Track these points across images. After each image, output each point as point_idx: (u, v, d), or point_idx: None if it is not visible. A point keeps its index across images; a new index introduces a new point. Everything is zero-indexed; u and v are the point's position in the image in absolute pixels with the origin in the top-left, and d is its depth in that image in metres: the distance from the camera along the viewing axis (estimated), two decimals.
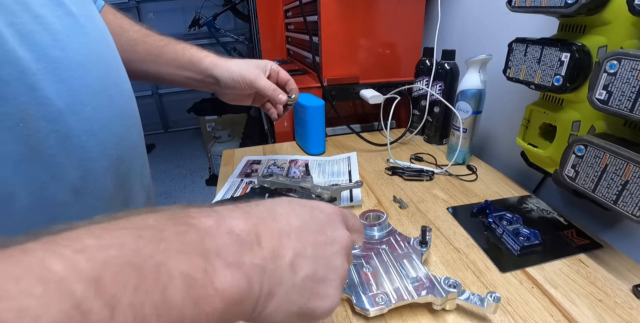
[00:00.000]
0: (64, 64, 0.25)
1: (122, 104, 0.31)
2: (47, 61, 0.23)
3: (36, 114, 0.23)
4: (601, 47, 0.43)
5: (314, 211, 0.24)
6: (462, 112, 0.66)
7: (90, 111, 0.26)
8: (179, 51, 0.49)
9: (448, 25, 0.85)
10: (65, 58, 0.25)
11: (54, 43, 0.24)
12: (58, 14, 0.25)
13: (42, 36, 0.23)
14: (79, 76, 0.26)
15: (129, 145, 0.32)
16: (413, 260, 0.41)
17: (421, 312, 0.37)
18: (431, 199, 0.58)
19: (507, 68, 0.53)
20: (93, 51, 0.28)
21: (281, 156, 0.76)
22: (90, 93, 0.26)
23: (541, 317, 0.37)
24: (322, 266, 0.22)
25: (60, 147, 0.24)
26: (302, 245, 0.21)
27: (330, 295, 0.23)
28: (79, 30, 0.27)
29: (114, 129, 0.29)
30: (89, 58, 0.27)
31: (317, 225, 0.23)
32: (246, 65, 0.50)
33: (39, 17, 0.23)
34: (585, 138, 0.41)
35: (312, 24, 0.84)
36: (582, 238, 0.48)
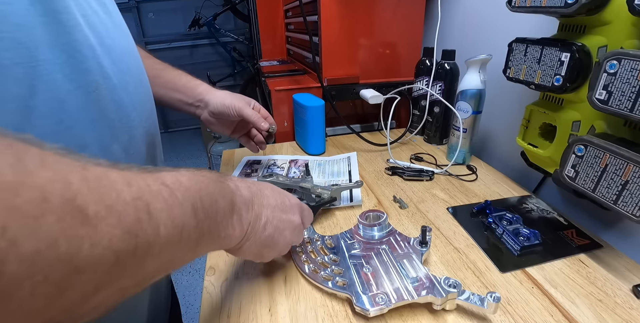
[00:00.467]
0: (114, 50, 0.30)
1: (148, 89, 0.38)
2: (105, 46, 0.29)
3: (103, 85, 0.28)
4: (601, 47, 0.43)
5: (285, 199, 0.38)
6: (462, 112, 0.66)
7: (132, 89, 0.33)
8: (175, 76, 0.56)
9: (448, 25, 0.85)
10: (114, 45, 0.31)
11: (107, 33, 0.30)
12: (104, 10, 0.31)
13: (100, 26, 0.29)
14: (124, 60, 0.32)
15: (154, 122, 0.38)
16: (413, 260, 0.41)
17: (421, 312, 0.37)
18: (431, 199, 0.58)
19: (507, 68, 0.53)
20: (127, 42, 0.34)
21: (281, 156, 0.76)
22: (130, 75, 0.33)
23: (541, 317, 0.37)
24: (278, 233, 0.35)
25: (117, 114, 0.30)
26: (273, 217, 0.35)
27: (274, 251, 0.37)
28: (117, 26, 0.33)
29: (146, 106, 0.36)
30: (126, 49, 0.33)
31: (284, 207, 0.37)
32: (235, 96, 0.58)
33: (96, 12, 0.29)
34: (585, 138, 0.41)
35: (312, 24, 0.84)
36: (582, 238, 0.48)
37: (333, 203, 0.54)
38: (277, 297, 0.40)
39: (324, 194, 0.53)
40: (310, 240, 0.46)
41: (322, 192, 0.53)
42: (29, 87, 0.23)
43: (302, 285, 0.41)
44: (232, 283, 0.42)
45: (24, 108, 0.22)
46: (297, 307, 0.39)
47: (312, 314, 0.37)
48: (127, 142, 0.31)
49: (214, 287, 0.42)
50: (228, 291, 0.41)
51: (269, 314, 0.38)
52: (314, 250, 0.45)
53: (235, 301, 0.40)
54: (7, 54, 0.21)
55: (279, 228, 0.35)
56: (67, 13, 0.25)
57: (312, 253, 0.44)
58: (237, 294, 0.40)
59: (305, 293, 0.40)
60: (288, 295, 0.40)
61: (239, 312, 0.38)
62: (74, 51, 0.26)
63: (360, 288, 0.37)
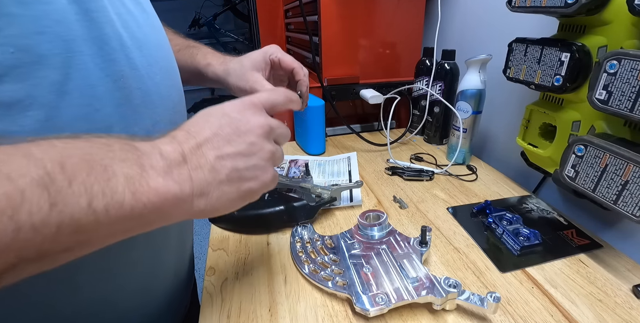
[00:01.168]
0: (145, 45, 0.33)
1: (176, 80, 0.39)
2: (135, 40, 0.32)
3: (129, 74, 0.31)
4: (601, 47, 0.43)
5: (222, 116, 0.30)
6: (462, 112, 0.66)
7: (159, 80, 0.35)
8: (187, 58, 0.51)
9: (448, 25, 0.85)
10: (145, 40, 0.33)
11: (138, 29, 0.33)
12: (138, 9, 0.34)
13: (132, 24, 0.32)
14: (152, 54, 0.34)
15: (179, 111, 0.39)
16: (413, 260, 0.41)
17: (421, 312, 0.37)
18: (431, 199, 0.58)
19: (507, 68, 0.53)
20: (159, 38, 0.37)
21: None
22: (158, 67, 0.35)
23: (541, 317, 0.37)
24: (243, 158, 0.29)
25: (141, 100, 0.32)
26: (217, 148, 0.28)
27: (259, 175, 0.30)
28: (150, 23, 0.36)
29: (172, 96, 0.37)
30: (157, 43, 0.36)
31: (230, 125, 0.29)
32: (240, 71, 0.47)
33: (130, 11, 0.32)
34: (585, 138, 0.41)
35: (312, 24, 0.84)
36: (582, 238, 0.48)
37: (333, 203, 0.54)
38: (277, 297, 0.40)
39: (324, 194, 0.53)
40: (310, 240, 0.46)
41: (322, 192, 0.53)
42: (65, 74, 0.26)
43: (302, 285, 0.41)
44: (232, 283, 0.42)
45: (60, 92, 0.26)
46: (297, 307, 0.39)
47: (312, 314, 0.37)
48: (151, 126, 0.34)
49: (214, 287, 0.42)
50: (228, 291, 0.41)
51: (269, 314, 0.38)
52: (314, 250, 0.45)
53: (235, 301, 0.40)
54: (48, 45, 0.25)
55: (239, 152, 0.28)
56: (99, 11, 0.28)
57: (312, 253, 0.44)
58: (237, 294, 0.41)
59: (305, 293, 0.40)
60: (288, 295, 0.40)
61: (239, 312, 0.38)
62: (103, 44, 0.29)
63: (360, 288, 0.37)
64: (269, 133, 0.31)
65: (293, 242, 0.46)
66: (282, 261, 0.45)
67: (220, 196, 0.27)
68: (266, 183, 0.30)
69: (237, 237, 0.50)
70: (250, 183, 0.29)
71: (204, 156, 0.27)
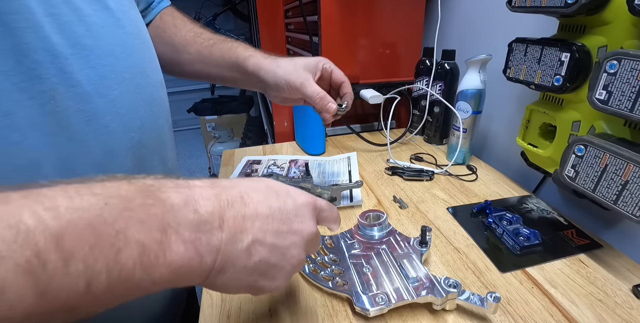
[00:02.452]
0: (95, 52, 0.27)
1: (150, 92, 0.34)
2: (80, 48, 0.26)
3: (65, 94, 0.25)
4: (601, 47, 0.43)
5: (287, 200, 0.26)
6: (462, 112, 0.66)
7: (117, 95, 0.29)
8: (225, 52, 0.48)
9: (448, 25, 0.85)
10: (97, 47, 0.28)
11: (87, 33, 0.27)
12: (95, 8, 0.28)
13: (77, 26, 0.26)
14: (109, 63, 0.28)
15: (153, 130, 0.34)
16: (413, 260, 0.41)
17: (421, 312, 0.37)
18: (431, 199, 0.58)
19: (507, 68, 0.53)
20: (125, 42, 0.31)
21: (281, 156, 0.76)
22: (118, 80, 0.29)
23: (541, 317, 0.37)
24: (278, 254, 0.24)
25: (85, 125, 0.27)
26: (264, 232, 0.24)
27: (278, 278, 0.26)
28: (114, 23, 0.30)
29: (139, 113, 0.32)
30: (121, 48, 0.30)
31: (284, 215, 0.25)
32: (292, 68, 0.46)
33: (77, 9, 0.27)
34: (585, 138, 0.41)
35: (312, 24, 0.84)
36: (582, 238, 0.48)
37: (333, 203, 0.54)
38: (277, 297, 0.40)
39: (324, 195, 0.53)
40: None
41: (322, 192, 0.53)
42: None
43: (302, 285, 0.41)
44: None
45: None
46: (297, 306, 0.39)
47: (312, 314, 0.37)
48: (102, 156, 0.28)
49: None
50: None
51: (269, 314, 0.38)
52: None
53: (235, 301, 0.40)
54: None
55: (278, 246, 0.24)
56: (17, 13, 0.22)
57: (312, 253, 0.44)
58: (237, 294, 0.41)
59: (305, 293, 0.40)
60: (288, 295, 0.40)
61: (239, 312, 0.38)
62: (22, 57, 0.23)
63: (360, 288, 0.37)
64: (311, 243, 0.28)
65: None
66: None
67: (231, 280, 0.23)
68: (277, 288, 0.26)
69: None
70: (266, 282, 0.25)
71: (246, 232, 0.23)
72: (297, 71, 0.45)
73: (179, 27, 0.49)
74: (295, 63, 0.46)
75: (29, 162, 0.24)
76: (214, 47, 0.48)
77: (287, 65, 0.46)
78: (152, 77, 0.35)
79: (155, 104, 0.35)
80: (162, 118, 0.37)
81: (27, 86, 0.23)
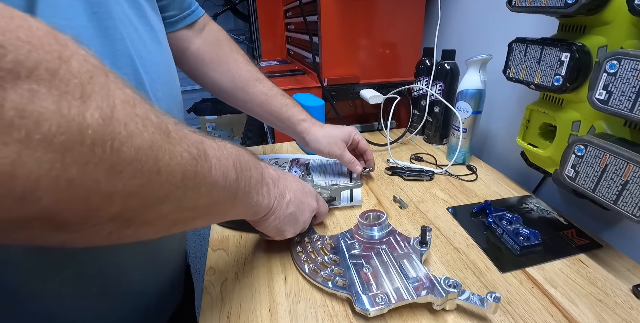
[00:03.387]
0: (149, 61, 0.36)
1: (177, 94, 0.42)
2: (140, 58, 0.34)
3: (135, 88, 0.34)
4: (601, 47, 0.43)
5: (304, 185, 0.44)
6: (462, 112, 0.66)
7: (161, 95, 0.37)
8: (282, 107, 0.58)
9: (448, 25, 0.85)
10: (149, 57, 0.36)
11: (143, 47, 0.35)
12: (146, 29, 0.36)
13: (138, 42, 0.34)
14: (155, 70, 0.36)
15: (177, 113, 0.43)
16: (413, 260, 0.41)
17: (421, 312, 0.37)
18: (431, 199, 0.58)
19: (507, 68, 0.53)
20: (162, 54, 0.39)
21: (283, 155, 0.76)
22: (160, 83, 0.37)
23: (541, 317, 0.37)
24: (299, 212, 0.41)
25: None
26: (296, 197, 0.41)
27: (294, 228, 0.42)
28: (156, 40, 0.38)
29: (173, 112, 0.40)
30: (160, 59, 0.38)
31: (304, 193, 0.43)
32: (333, 139, 0.59)
33: (137, 30, 0.35)
34: (585, 138, 0.41)
35: (312, 24, 0.84)
36: (582, 238, 0.48)
37: (332, 202, 0.54)
38: (277, 297, 0.40)
39: (324, 194, 0.53)
40: (310, 240, 0.46)
41: (321, 191, 0.53)
42: None
43: (302, 285, 0.41)
44: (232, 283, 0.42)
45: None
46: (297, 307, 0.39)
47: (312, 314, 0.37)
48: None
49: (214, 287, 0.42)
50: (228, 291, 0.41)
51: (269, 314, 0.38)
52: (314, 250, 0.45)
53: (235, 301, 0.40)
54: None
55: (300, 208, 0.41)
56: (114, 28, 0.31)
57: (312, 253, 0.44)
58: (237, 294, 0.41)
59: (305, 293, 0.40)
60: (288, 295, 0.40)
61: (239, 312, 0.38)
62: (115, 59, 0.31)
63: (360, 289, 0.37)
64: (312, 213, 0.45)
65: (293, 242, 0.46)
66: (282, 261, 0.45)
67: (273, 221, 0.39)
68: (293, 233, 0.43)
69: (237, 237, 0.50)
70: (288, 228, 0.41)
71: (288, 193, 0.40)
72: (337, 142, 0.59)
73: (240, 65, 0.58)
74: (333, 133, 0.60)
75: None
76: (273, 98, 0.58)
77: (328, 134, 0.60)
78: (177, 83, 0.43)
79: (181, 105, 0.44)
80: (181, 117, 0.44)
81: None
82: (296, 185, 0.42)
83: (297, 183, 0.42)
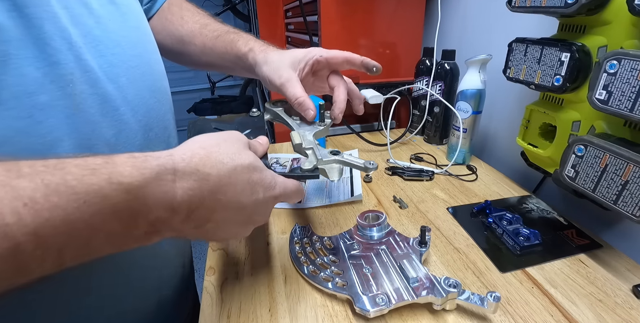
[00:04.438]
0: (104, 42, 0.30)
1: (154, 80, 0.36)
2: (91, 38, 0.29)
3: (81, 79, 0.28)
4: (601, 47, 0.43)
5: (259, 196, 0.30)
6: (462, 112, 0.66)
7: (125, 82, 0.32)
8: (227, 45, 0.48)
9: (448, 25, 0.85)
10: (105, 37, 0.30)
11: (97, 25, 0.30)
12: (101, 3, 0.31)
13: (87, 19, 0.29)
14: (116, 52, 0.31)
15: (157, 115, 0.37)
16: (413, 260, 0.41)
17: (421, 312, 0.37)
18: (431, 199, 0.58)
19: (507, 68, 0.53)
20: (129, 34, 0.33)
21: (283, 154, 0.76)
22: (125, 67, 0.32)
23: (541, 317, 0.37)
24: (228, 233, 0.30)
25: (99, 107, 0.29)
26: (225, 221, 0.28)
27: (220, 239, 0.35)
28: (119, 17, 0.32)
29: (144, 99, 0.34)
30: (126, 40, 0.33)
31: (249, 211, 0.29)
32: (278, 65, 0.42)
33: (86, 3, 0.29)
34: (585, 138, 0.41)
35: (312, 24, 0.84)
36: (582, 238, 0.48)
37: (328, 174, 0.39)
38: (277, 297, 0.40)
39: (306, 164, 0.38)
40: (309, 241, 0.46)
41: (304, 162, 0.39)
42: None
43: (302, 285, 0.41)
44: (232, 283, 0.42)
45: None
46: (297, 307, 0.39)
47: (312, 314, 0.37)
48: (113, 137, 0.31)
49: (214, 287, 0.42)
50: (228, 291, 0.41)
51: (269, 314, 0.38)
52: (313, 251, 0.45)
53: (235, 301, 0.40)
54: None
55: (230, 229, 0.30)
56: (37, 6, 0.25)
57: (312, 254, 0.44)
58: (237, 294, 0.41)
59: (305, 293, 0.40)
60: (288, 295, 0.40)
61: (239, 312, 0.38)
62: (43, 44, 0.25)
63: (360, 289, 0.37)
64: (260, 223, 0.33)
65: (292, 243, 0.46)
66: (282, 261, 0.45)
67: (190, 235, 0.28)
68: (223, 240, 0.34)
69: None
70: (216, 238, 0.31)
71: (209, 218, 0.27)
72: (279, 70, 0.42)
73: (186, 18, 0.50)
74: (282, 59, 0.43)
75: (51, 138, 0.26)
76: (218, 39, 0.48)
77: (273, 61, 0.43)
78: (155, 67, 0.37)
79: (159, 92, 0.37)
80: (166, 106, 0.39)
81: (49, 70, 0.26)
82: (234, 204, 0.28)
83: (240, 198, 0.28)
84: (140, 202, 0.22)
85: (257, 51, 0.45)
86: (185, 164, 0.25)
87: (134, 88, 0.33)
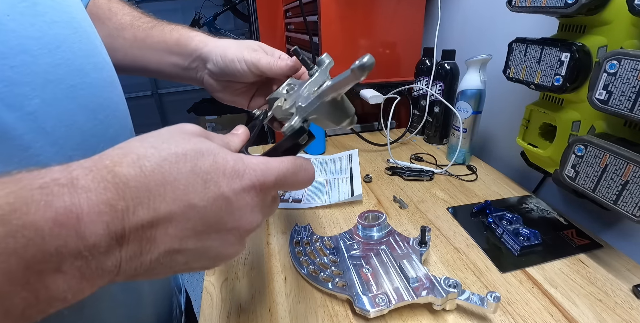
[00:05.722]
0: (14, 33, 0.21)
1: (92, 95, 0.26)
2: None
3: None
4: (601, 47, 0.43)
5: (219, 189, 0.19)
6: (462, 112, 0.66)
7: (38, 105, 0.22)
8: (167, 33, 0.41)
9: (448, 25, 0.85)
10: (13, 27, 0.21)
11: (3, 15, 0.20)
12: None
13: None
14: (20, 64, 0.21)
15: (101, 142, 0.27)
16: (413, 260, 0.41)
17: (421, 312, 0.37)
18: (431, 199, 0.58)
19: (507, 68, 0.53)
20: (46, 33, 0.23)
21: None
22: (38, 83, 0.22)
23: (541, 317, 0.37)
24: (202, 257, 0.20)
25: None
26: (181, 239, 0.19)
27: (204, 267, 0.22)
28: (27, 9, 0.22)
29: (77, 125, 0.24)
30: (39, 42, 0.23)
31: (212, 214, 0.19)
32: (243, 43, 0.39)
33: None
34: (585, 138, 0.41)
35: (312, 24, 0.84)
36: (582, 238, 0.48)
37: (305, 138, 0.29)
38: (277, 297, 0.40)
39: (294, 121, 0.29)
40: (309, 242, 0.46)
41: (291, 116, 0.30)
42: None
43: (302, 285, 0.41)
44: (232, 283, 0.42)
45: None
46: (297, 307, 0.39)
47: (312, 314, 0.37)
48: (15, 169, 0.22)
49: (214, 287, 0.42)
50: (228, 291, 0.41)
51: (269, 314, 0.38)
52: (313, 251, 0.45)
53: (235, 301, 0.40)
54: None
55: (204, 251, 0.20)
56: None
57: (311, 254, 0.44)
58: (237, 294, 0.41)
59: (305, 293, 0.40)
60: (288, 295, 0.40)
61: (239, 312, 0.38)
62: None
63: (360, 289, 0.37)
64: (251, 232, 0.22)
65: (292, 243, 0.46)
66: (282, 261, 0.45)
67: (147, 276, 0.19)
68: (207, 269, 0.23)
69: None
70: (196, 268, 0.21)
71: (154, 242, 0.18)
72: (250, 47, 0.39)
73: (115, 11, 0.42)
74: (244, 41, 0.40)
75: None
76: (154, 29, 0.41)
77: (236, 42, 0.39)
78: (94, 75, 0.27)
79: (103, 109, 0.27)
80: (116, 126, 0.29)
81: None
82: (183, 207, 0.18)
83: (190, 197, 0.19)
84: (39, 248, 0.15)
85: (206, 36, 0.41)
86: (86, 173, 0.17)
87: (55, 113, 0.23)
